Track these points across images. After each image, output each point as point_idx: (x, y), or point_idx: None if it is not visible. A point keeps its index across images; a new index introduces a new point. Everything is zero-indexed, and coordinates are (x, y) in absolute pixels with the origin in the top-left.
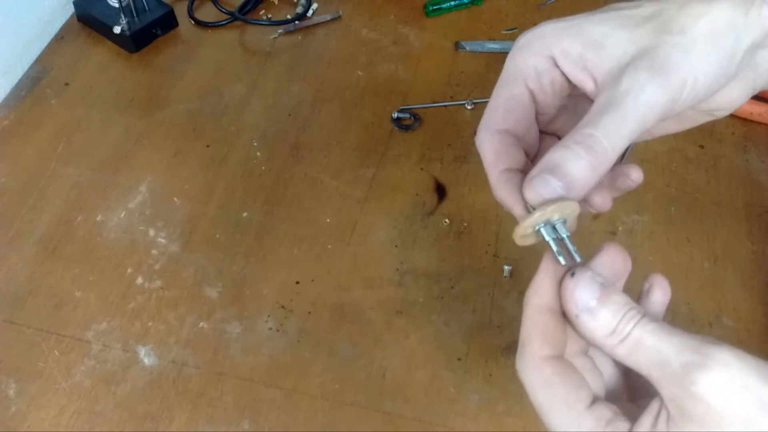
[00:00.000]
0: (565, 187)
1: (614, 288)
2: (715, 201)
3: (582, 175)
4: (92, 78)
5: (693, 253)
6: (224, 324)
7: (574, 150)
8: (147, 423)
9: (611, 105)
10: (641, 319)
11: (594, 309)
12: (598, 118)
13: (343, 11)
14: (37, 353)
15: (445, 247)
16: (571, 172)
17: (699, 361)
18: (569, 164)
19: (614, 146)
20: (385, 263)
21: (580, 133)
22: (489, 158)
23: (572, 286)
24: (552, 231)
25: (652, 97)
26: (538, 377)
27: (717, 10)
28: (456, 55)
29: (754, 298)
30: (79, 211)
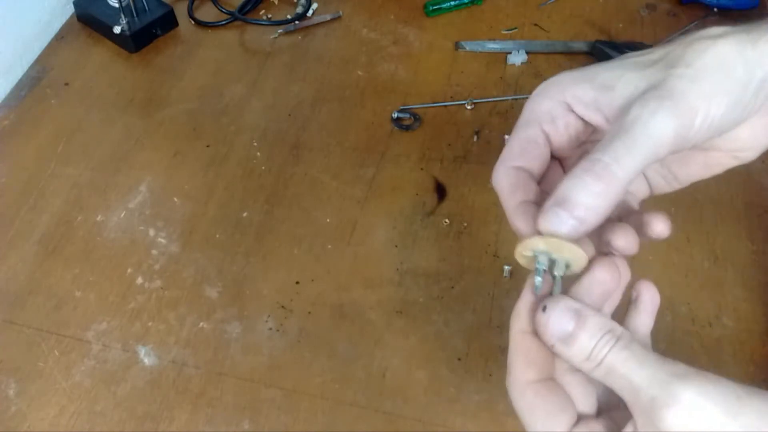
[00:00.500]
0: (577, 218)
1: (590, 313)
2: (715, 201)
3: (592, 203)
4: (92, 78)
5: (693, 253)
6: (224, 324)
7: (583, 179)
8: (147, 423)
9: (620, 131)
10: (615, 344)
11: (569, 338)
12: (608, 144)
13: (343, 11)
14: (37, 353)
15: (445, 247)
16: (581, 202)
17: (665, 398)
18: (579, 194)
19: (625, 171)
20: (385, 263)
21: (588, 160)
22: (506, 191)
23: (544, 321)
24: (546, 263)
25: (662, 122)
26: (522, 401)
27: (722, 43)
28: (456, 55)
29: (754, 298)
30: (79, 211)
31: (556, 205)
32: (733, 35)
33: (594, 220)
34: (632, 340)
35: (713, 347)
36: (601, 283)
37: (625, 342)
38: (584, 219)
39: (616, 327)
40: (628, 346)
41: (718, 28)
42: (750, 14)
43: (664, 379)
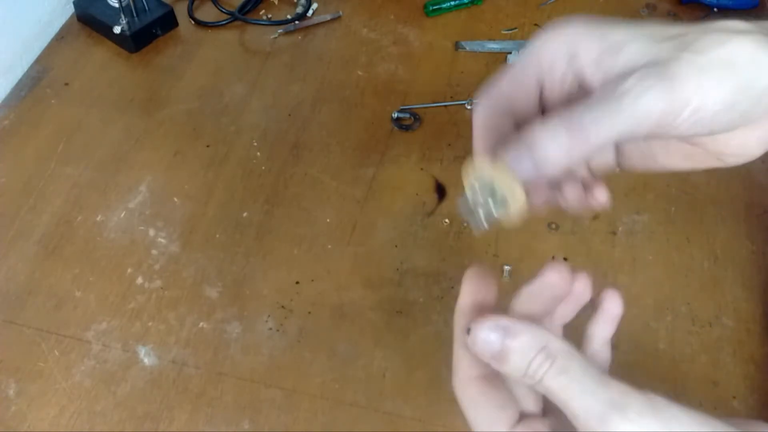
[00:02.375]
0: (536, 165)
1: (520, 329)
2: (715, 201)
3: (556, 157)
4: (92, 78)
5: (693, 253)
6: (224, 324)
7: (556, 129)
8: (147, 423)
9: (608, 97)
10: (551, 367)
11: (500, 356)
12: (592, 105)
13: (343, 11)
14: (37, 353)
15: (445, 247)
16: (546, 151)
17: (599, 427)
18: (546, 142)
19: (598, 136)
20: (385, 263)
21: (567, 113)
22: (479, 123)
23: (471, 342)
24: (484, 194)
25: (652, 101)
26: (465, 398)
27: (738, 41)
28: (456, 55)
29: (754, 298)
30: (79, 211)
31: (521, 143)
32: (752, 35)
33: (551, 172)
34: (571, 359)
35: (713, 347)
36: (550, 286)
37: (562, 363)
38: (542, 168)
39: (551, 343)
40: (565, 369)
41: (740, 23)
42: (750, 14)
43: (601, 410)
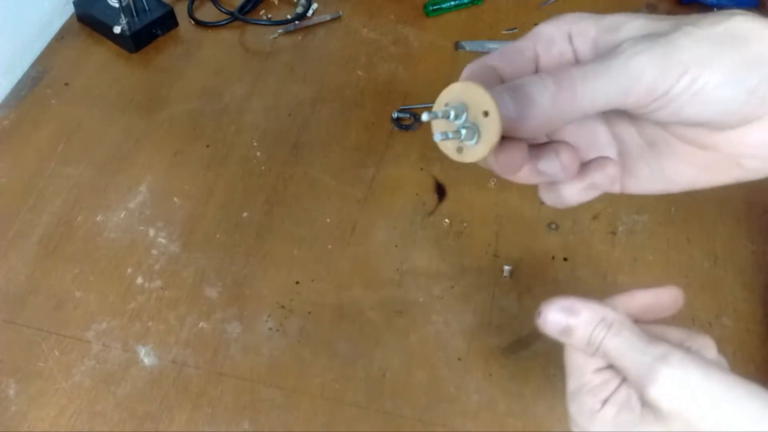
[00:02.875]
0: (518, 109)
1: (582, 306)
2: (716, 201)
3: (539, 104)
4: (92, 78)
5: (693, 253)
6: (224, 324)
7: (544, 80)
8: (147, 423)
9: (601, 59)
10: (608, 332)
11: (567, 331)
12: (584, 64)
13: (343, 11)
14: (37, 353)
15: (445, 247)
16: (530, 97)
17: (649, 378)
18: (532, 89)
19: (587, 94)
20: (385, 263)
21: (558, 69)
22: (465, 74)
23: (542, 322)
24: (459, 119)
25: (643, 63)
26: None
27: (742, 18)
28: (456, 55)
29: (754, 299)
30: (79, 211)
31: (507, 88)
32: (758, 18)
33: (534, 121)
34: (623, 326)
35: None
36: (658, 303)
37: (617, 329)
38: (524, 114)
39: (608, 315)
40: (619, 332)
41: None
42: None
43: (649, 362)
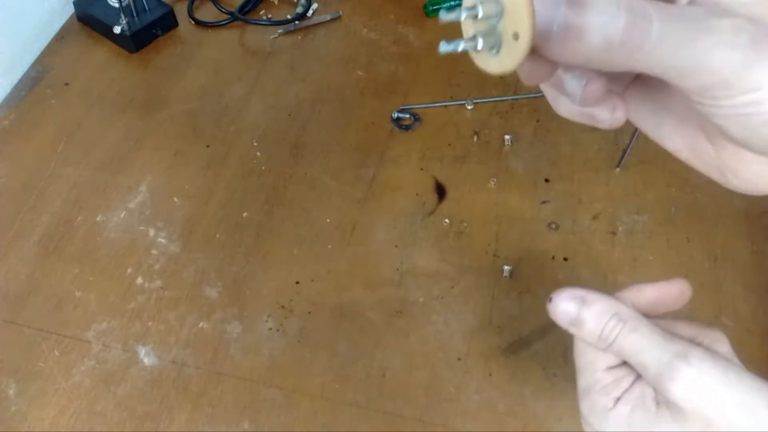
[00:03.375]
0: (563, 31)
1: (595, 298)
2: (715, 201)
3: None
4: (92, 78)
5: (693, 253)
6: (224, 324)
7: (619, 9)
8: (147, 423)
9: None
10: (623, 329)
11: (577, 322)
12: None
13: (343, 11)
14: (37, 353)
15: (445, 247)
16: (586, 25)
17: (669, 375)
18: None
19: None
20: (385, 263)
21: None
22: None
23: (552, 309)
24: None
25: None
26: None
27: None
28: (456, 55)
29: (753, 299)
30: (79, 211)
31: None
32: None
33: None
34: (639, 322)
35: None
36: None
37: (633, 325)
38: (568, 45)
39: (622, 310)
40: (636, 328)
41: None
42: None
43: (668, 359)
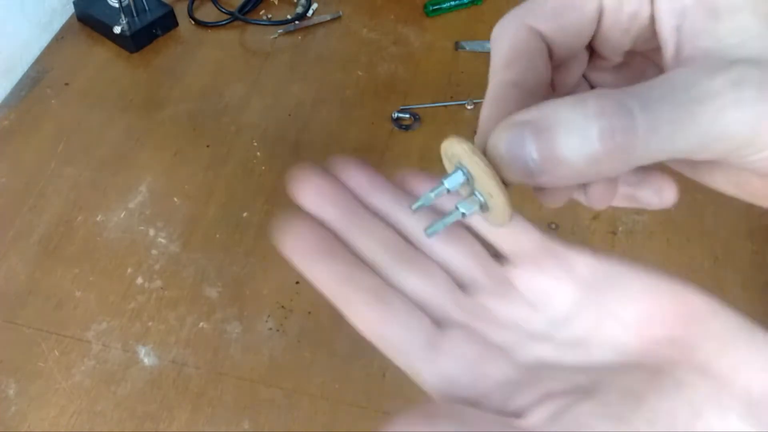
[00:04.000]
0: (541, 164)
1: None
2: (716, 201)
3: (574, 161)
4: (92, 78)
5: (693, 254)
6: (224, 324)
7: (589, 120)
8: (147, 423)
9: (681, 97)
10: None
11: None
12: (654, 96)
13: (343, 11)
14: (37, 353)
15: None
16: (559, 148)
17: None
18: (567, 137)
19: (647, 150)
20: None
21: (615, 98)
22: (499, 58)
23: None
24: (469, 182)
25: (741, 119)
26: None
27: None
28: (456, 55)
29: (754, 299)
30: (79, 211)
31: (528, 127)
32: None
33: (559, 181)
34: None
35: None
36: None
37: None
38: (546, 170)
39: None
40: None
41: None
42: None
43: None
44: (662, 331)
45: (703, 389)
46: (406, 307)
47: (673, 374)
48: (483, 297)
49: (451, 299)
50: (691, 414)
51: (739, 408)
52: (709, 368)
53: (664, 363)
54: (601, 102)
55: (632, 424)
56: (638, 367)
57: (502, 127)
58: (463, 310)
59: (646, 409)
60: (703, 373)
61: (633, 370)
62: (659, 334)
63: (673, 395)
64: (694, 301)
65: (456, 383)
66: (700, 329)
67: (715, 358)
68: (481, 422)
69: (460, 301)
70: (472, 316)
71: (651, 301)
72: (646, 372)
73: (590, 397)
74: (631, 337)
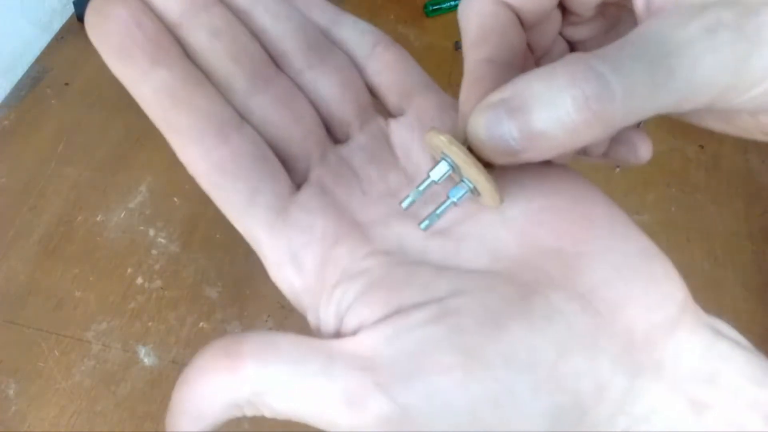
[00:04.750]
0: (521, 142)
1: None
2: (716, 201)
3: (553, 134)
4: (92, 78)
5: (693, 254)
6: (224, 324)
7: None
8: (147, 423)
9: (656, 53)
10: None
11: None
12: (626, 57)
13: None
14: (37, 353)
15: None
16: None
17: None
18: (542, 112)
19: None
20: None
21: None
22: (470, 37)
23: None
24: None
25: (717, 66)
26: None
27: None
28: (456, 55)
29: (754, 299)
30: (79, 211)
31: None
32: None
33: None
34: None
35: None
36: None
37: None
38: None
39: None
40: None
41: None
42: None
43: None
44: (549, 240)
45: (578, 324)
46: (256, 153)
47: (549, 298)
48: (353, 155)
49: (317, 149)
50: (557, 353)
51: (613, 350)
52: (591, 299)
53: (542, 282)
54: (571, 69)
55: (485, 359)
56: (510, 282)
57: (478, 111)
58: (326, 166)
59: (506, 342)
60: (582, 304)
61: (503, 285)
62: (545, 243)
63: (541, 328)
64: (596, 212)
65: (299, 265)
66: (593, 248)
67: (602, 287)
68: (295, 353)
69: (326, 154)
70: (336, 178)
71: (545, 202)
72: (517, 290)
73: (443, 318)
74: (511, 239)
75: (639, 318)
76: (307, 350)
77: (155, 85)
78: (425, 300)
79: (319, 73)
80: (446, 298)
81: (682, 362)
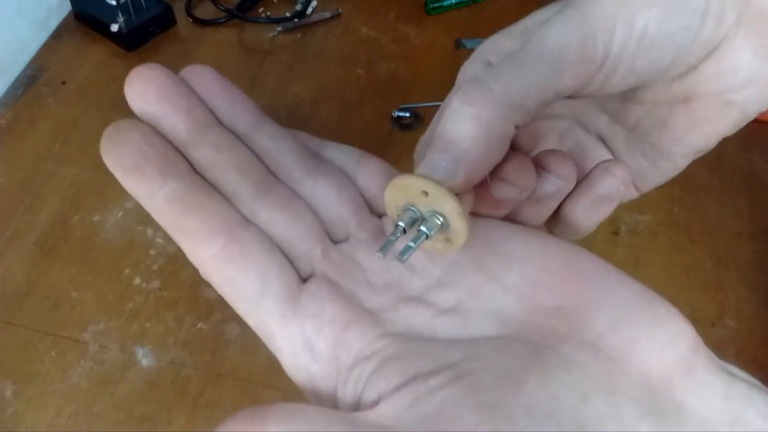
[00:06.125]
0: (451, 157)
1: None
2: (718, 201)
3: (466, 136)
4: (89, 76)
5: (695, 254)
6: (223, 325)
7: (458, 105)
8: (145, 424)
9: (513, 51)
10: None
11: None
12: (494, 65)
13: (343, 9)
14: (33, 354)
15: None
16: (452, 134)
17: None
18: (449, 125)
19: (511, 96)
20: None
21: (467, 84)
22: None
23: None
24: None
25: (559, 31)
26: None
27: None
28: (457, 54)
29: (756, 299)
30: (76, 211)
31: (425, 141)
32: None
33: (473, 155)
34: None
35: (715, 348)
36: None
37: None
38: (459, 157)
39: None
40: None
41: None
42: None
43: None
44: (550, 299)
45: (593, 370)
46: (263, 248)
47: (560, 351)
48: (354, 250)
49: (319, 246)
50: (578, 399)
51: (634, 392)
52: (601, 345)
53: (550, 338)
54: (461, 89)
55: (508, 412)
56: (520, 341)
57: (417, 154)
58: (330, 261)
59: (525, 394)
60: (593, 351)
61: (514, 345)
62: (546, 303)
63: (558, 377)
64: (587, 267)
65: (313, 351)
66: (593, 299)
67: (609, 333)
68: (319, 421)
69: (329, 251)
70: (341, 271)
71: (538, 265)
72: (528, 348)
73: (461, 379)
74: (514, 305)
75: (652, 358)
76: (333, 417)
77: (167, 195)
78: (441, 366)
79: (316, 179)
80: (461, 363)
81: (705, 405)
